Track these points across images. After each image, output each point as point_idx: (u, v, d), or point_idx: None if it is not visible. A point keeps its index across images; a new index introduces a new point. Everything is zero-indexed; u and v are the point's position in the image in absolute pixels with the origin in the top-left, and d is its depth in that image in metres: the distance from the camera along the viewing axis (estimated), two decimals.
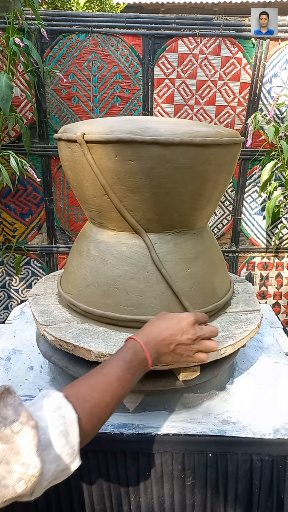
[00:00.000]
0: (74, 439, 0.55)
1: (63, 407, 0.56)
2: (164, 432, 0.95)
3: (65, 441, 0.54)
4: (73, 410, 0.56)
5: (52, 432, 0.53)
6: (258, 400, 1.06)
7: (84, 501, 0.96)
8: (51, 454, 0.52)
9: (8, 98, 1.51)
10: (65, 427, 0.54)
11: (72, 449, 0.55)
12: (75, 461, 0.56)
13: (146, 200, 0.93)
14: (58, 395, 0.57)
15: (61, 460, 0.53)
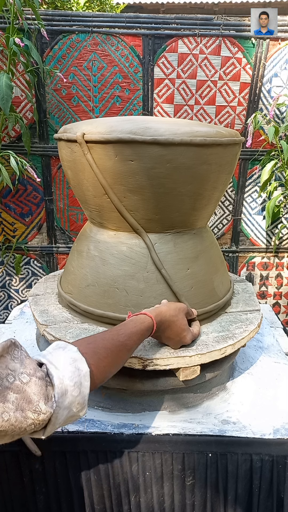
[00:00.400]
0: (85, 390, 0.61)
1: (78, 360, 0.62)
2: (164, 432, 0.94)
3: (78, 391, 0.60)
4: (86, 364, 0.62)
5: (68, 382, 0.58)
6: (258, 400, 1.06)
7: (84, 501, 0.96)
8: (65, 401, 0.58)
9: (8, 98, 1.51)
10: (79, 378, 0.60)
11: (83, 399, 0.61)
12: (84, 409, 0.63)
13: (146, 200, 0.93)
14: (73, 349, 0.63)
15: (73, 407, 0.60)
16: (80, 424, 0.97)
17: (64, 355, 0.61)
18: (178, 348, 0.92)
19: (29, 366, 0.54)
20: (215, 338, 0.97)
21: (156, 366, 0.90)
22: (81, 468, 0.95)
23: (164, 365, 0.90)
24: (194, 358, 0.91)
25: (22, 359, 0.55)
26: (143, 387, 0.96)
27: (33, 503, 0.97)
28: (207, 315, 1.05)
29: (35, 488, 0.96)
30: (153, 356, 0.89)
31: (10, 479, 0.96)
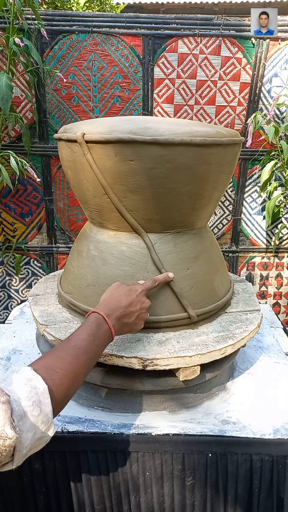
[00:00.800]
0: (47, 408, 0.58)
1: (33, 379, 0.58)
2: (164, 432, 0.94)
3: (39, 410, 0.56)
4: (43, 381, 0.59)
5: (25, 403, 0.55)
6: (258, 400, 1.06)
7: (84, 501, 0.96)
8: (26, 423, 0.55)
9: (8, 98, 1.51)
10: (38, 397, 0.57)
11: (46, 417, 0.58)
12: (51, 428, 0.59)
13: (146, 200, 0.93)
14: (27, 369, 0.60)
15: (37, 428, 0.56)
16: (80, 424, 0.97)
17: (18, 377, 0.59)
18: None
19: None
20: (215, 338, 0.97)
21: (156, 366, 0.90)
22: (81, 468, 0.95)
23: (164, 365, 0.90)
24: (194, 358, 0.91)
25: None
26: (143, 387, 0.96)
27: (33, 503, 0.97)
28: (207, 315, 1.05)
29: (35, 488, 0.96)
30: (153, 356, 0.89)
31: (10, 479, 0.96)
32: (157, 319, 0.98)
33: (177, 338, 0.97)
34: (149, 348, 0.92)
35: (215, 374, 1.02)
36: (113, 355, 0.90)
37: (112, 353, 0.90)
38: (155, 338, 0.96)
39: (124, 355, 0.90)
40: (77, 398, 1.05)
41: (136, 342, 0.94)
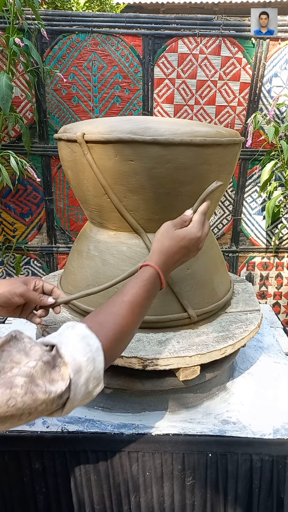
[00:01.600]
0: (100, 365, 0.59)
1: (87, 336, 0.60)
2: (164, 432, 0.94)
3: (93, 366, 0.58)
4: (97, 338, 0.60)
5: (81, 359, 0.57)
6: (258, 400, 1.06)
7: (84, 501, 0.96)
8: (81, 378, 0.56)
9: (8, 98, 1.51)
10: (92, 354, 0.58)
11: (98, 374, 0.59)
12: (100, 384, 0.61)
13: (146, 200, 0.93)
14: (81, 326, 0.61)
15: (89, 383, 0.58)
16: (80, 424, 0.97)
17: (73, 333, 0.60)
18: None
19: (35, 354, 0.53)
20: (215, 338, 0.97)
21: (156, 366, 0.90)
22: (81, 468, 0.95)
23: (164, 365, 0.90)
24: (194, 358, 0.91)
25: (27, 350, 0.54)
26: (143, 387, 0.96)
27: (33, 503, 0.97)
28: (207, 315, 1.05)
29: (35, 488, 0.96)
30: (153, 356, 0.89)
31: (10, 479, 0.96)
32: (157, 319, 0.98)
33: (177, 338, 0.97)
34: (149, 348, 0.92)
35: (215, 374, 1.02)
36: None
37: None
38: (155, 338, 0.96)
39: (124, 355, 0.90)
40: None
41: (136, 342, 0.94)
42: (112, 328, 0.64)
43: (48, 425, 0.96)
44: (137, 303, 0.69)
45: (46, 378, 0.53)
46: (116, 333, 0.64)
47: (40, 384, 0.51)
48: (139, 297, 0.70)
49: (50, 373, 0.53)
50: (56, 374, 0.54)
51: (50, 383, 0.53)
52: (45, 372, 0.53)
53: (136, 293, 0.70)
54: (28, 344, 0.55)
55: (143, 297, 0.70)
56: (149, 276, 0.73)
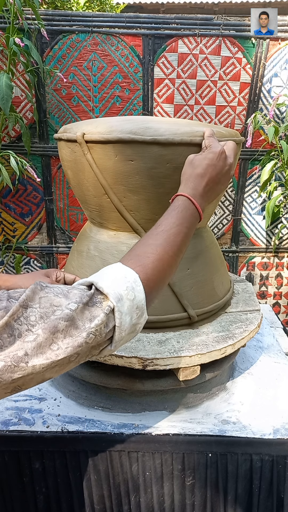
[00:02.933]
0: (140, 294, 0.58)
1: (122, 270, 0.59)
2: (164, 432, 0.94)
3: (133, 295, 0.57)
4: (133, 271, 0.59)
5: (121, 287, 0.56)
6: (258, 400, 1.06)
7: (84, 501, 0.96)
8: (124, 306, 0.56)
9: (8, 98, 1.51)
10: (130, 284, 0.58)
11: (140, 303, 0.59)
12: (143, 314, 0.60)
13: (146, 200, 0.93)
14: (116, 264, 0.61)
15: (133, 313, 0.57)
16: (80, 424, 0.97)
17: (108, 271, 0.59)
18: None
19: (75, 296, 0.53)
20: (215, 338, 0.97)
21: (156, 366, 0.90)
22: (81, 468, 0.95)
23: (164, 365, 0.90)
24: (194, 358, 0.91)
25: (65, 293, 0.53)
26: (143, 387, 0.96)
27: (33, 503, 0.97)
28: (207, 315, 1.05)
29: (35, 488, 0.96)
30: (153, 356, 0.89)
31: (10, 479, 0.96)
32: (157, 319, 0.98)
33: (177, 338, 0.97)
34: (149, 348, 0.92)
35: (215, 374, 1.02)
36: (113, 355, 0.90)
37: (112, 353, 0.90)
38: (155, 338, 0.96)
39: (124, 355, 0.90)
40: (77, 398, 1.05)
41: (136, 342, 0.94)
42: (149, 257, 0.62)
43: (48, 425, 0.96)
44: (172, 230, 0.67)
45: (87, 317, 0.52)
46: (154, 262, 0.62)
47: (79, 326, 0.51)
48: (174, 225, 0.68)
49: (90, 312, 0.53)
50: (97, 310, 0.53)
51: (91, 320, 0.52)
52: (84, 313, 0.52)
53: (170, 222, 0.68)
54: (64, 287, 0.54)
55: (178, 224, 0.68)
56: (179, 204, 0.71)
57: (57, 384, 1.11)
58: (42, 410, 1.01)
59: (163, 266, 0.64)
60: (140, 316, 0.59)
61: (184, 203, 0.71)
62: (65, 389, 1.08)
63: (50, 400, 1.06)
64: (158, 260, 0.63)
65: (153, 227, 0.69)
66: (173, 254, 0.66)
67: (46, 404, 1.04)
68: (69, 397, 1.07)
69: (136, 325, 0.60)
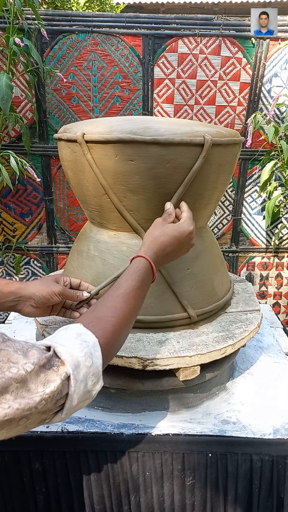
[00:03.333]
0: (98, 360, 0.58)
1: (83, 334, 0.59)
2: (164, 432, 0.94)
3: (91, 361, 0.57)
4: (92, 334, 0.60)
5: (78, 354, 0.56)
6: (258, 400, 1.06)
7: (84, 501, 0.96)
8: (80, 373, 0.55)
9: (8, 98, 1.51)
10: (89, 349, 0.58)
11: (97, 370, 0.58)
12: (99, 382, 0.60)
13: (146, 200, 0.93)
14: (76, 325, 0.61)
15: (88, 380, 0.57)
16: (80, 424, 0.97)
17: (68, 332, 0.59)
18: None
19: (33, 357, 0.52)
20: (215, 338, 0.97)
21: (156, 366, 0.90)
22: (81, 468, 0.95)
23: (164, 365, 0.90)
24: (194, 358, 0.91)
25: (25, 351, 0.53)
26: (143, 387, 0.96)
27: (33, 503, 0.97)
28: (207, 315, 1.05)
29: (35, 488, 0.96)
30: (153, 356, 0.89)
31: (10, 479, 0.96)
32: (157, 319, 0.98)
33: (177, 338, 0.97)
34: (149, 348, 0.92)
35: (215, 374, 1.02)
36: None
37: None
38: (155, 338, 0.96)
39: (124, 355, 0.90)
40: None
41: (136, 342, 0.94)
42: (110, 321, 0.64)
43: (48, 425, 0.96)
44: (132, 294, 0.70)
45: (41, 381, 0.51)
46: (114, 326, 0.64)
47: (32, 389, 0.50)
48: (133, 288, 0.71)
49: (46, 375, 0.52)
50: (53, 375, 0.53)
51: (45, 384, 0.51)
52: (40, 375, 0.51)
53: (130, 284, 0.71)
54: (25, 345, 0.54)
55: (137, 287, 0.71)
56: (140, 266, 0.74)
57: None
58: None
59: (121, 330, 0.66)
60: (96, 383, 0.59)
61: (145, 266, 0.75)
62: None
63: None
64: (118, 324, 0.65)
65: (114, 287, 0.71)
66: (130, 317, 0.69)
67: None
68: None
69: (91, 391, 0.59)
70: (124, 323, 0.66)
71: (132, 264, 0.76)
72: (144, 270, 0.74)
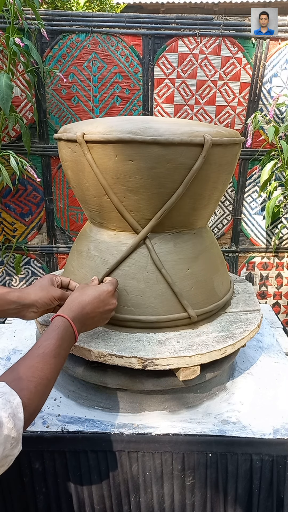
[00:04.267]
0: (20, 422, 0.57)
1: (6, 393, 0.58)
2: (164, 432, 0.94)
3: (13, 423, 0.56)
4: (16, 395, 0.59)
5: (2, 414, 0.54)
6: (258, 400, 1.06)
7: (84, 501, 0.96)
8: (1, 435, 0.53)
9: (8, 98, 1.51)
10: (12, 410, 0.57)
11: (17, 433, 0.57)
12: (18, 445, 0.58)
13: (146, 200, 0.93)
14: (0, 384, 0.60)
15: (7, 443, 0.55)
16: (80, 424, 0.97)
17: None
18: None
19: None
20: (215, 338, 0.97)
21: (156, 366, 0.90)
22: (81, 468, 0.95)
23: (164, 365, 0.90)
24: (194, 358, 0.91)
25: None
26: (143, 387, 0.96)
27: (33, 503, 0.97)
28: (207, 315, 1.05)
29: (35, 488, 0.96)
30: (153, 356, 0.89)
31: (10, 479, 0.96)
32: (157, 319, 0.98)
33: (177, 338, 0.97)
34: (149, 348, 0.92)
35: (215, 374, 1.02)
36: (113, 355, 0.90)
37: (112, 353, 0.90)
38: (155, 338, 0.96)
39: (124, 355, 0.90)
40: (77, 398, 1.05)
41: (136, 342, 0.94)
42: (31, 382, 0.64)
43: (48, 425, 0.96)
44: (52, 353, 0.71)
45: None
46: (37, 386, 0.64)
47: None
48: (53, 347, 0.71)
49: None
50: None
51: None
52: None
53: (50, 343, 0.72)
54: None
55: (57, 345, 0.72)
56: (59, 325, 0.76)
57: (57, 384, 1.11)
58: (42, 410, 1.01)
59: (43, 389, 0.66)
60: (15, 447, 0.57)
61: (64, 325, 0.76)
62: (65, 389, 1.08)
63: (50, 400, 1.06)
64: (39, 384, 0.65)
65: (35, 347, 0.71)
66: (51, 377, 0.69)
67: (46, 404, 1.04)
68: (69, 397, 1.07)
69: (8, 457, 0.56)
70: (45, 383, 0.66)
71: (51, 323, 0.77)
72: (62, 328, 0.75)
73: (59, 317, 0.78)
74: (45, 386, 0.67)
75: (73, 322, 0.78)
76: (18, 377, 0.64)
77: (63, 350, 0.74)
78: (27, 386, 0.62)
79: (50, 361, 0.69)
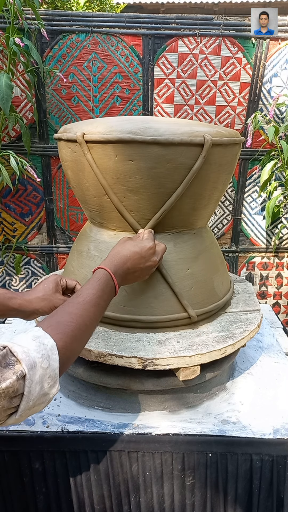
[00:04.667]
0: (55, 363, 0.58)
1: (41, 336, 0.59)
2: (164, 432, 0.94)
3: (47, 363, 0.57)
4: (50, 338, 0.60)
5: (35, 354, 0.55)
6: (258, 400, 1.06)
7: (84, 501, 0.96)
8: (36, 374, 0.55)
9: (8, 98, 1.51)
10: (46, 351, 0.57)
11: (53, 372, 0.58)
12: (55, 385, 0.59)
13: (146, 200, 0.93)
14: (35, 329, 0.61)
15: (44, 382, 0.56)
16: (80, 424, 0.97)
17: (26, 334, 0.59)
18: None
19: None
20: (215, 338, 0.97)
21: (156, 366, 0.90)
22: (81, 468, 0.95)
23: (164, 365, 0.90)
24: (194, 358, 0.91)
25: None
26: (143, 387, 0.96)
27: (33, 503, 0.97)
28: (207, 315, 1.05)
29: (35, 488, 0.96)
30: (153, 356, 0.89)
31: (10, 479, 0.96)
32: (157, 319, 0.98)
33: (177, 338, 0.97)
34: (149, 348, 0.92)
35: (215, 374, 1.02)
36: (113, 355, 0.90)
37: (112, 353, 0.90)
38: (155, 338, 0.96)
39: (124, 355, 0.90)
40: (77, 398, 1.05)
41: (136, 342, 0.94)
42: (69, 326, 0.65)
43: (48, 425, 0.96)
44: (92, 302, 0.72)
45: None
46: (73, 330, 0.65)
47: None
48: (94, 296, 0.73)
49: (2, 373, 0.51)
50: (8, 372, 0.52)
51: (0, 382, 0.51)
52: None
53: (90, 293, 0.73)
54: None
55: (97, 296, 0.73)
56: (100, 277, 0.77)
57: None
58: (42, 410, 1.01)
59: (80, 335, 0.67)
60: (52, 386, 0.58)
61: (105, 277, 0.78)
62: (65, 389, 1.08)
63: None
64: (78, 329, 0.66)
65: (75, 295, 0.73)
66: (90, 324, 0.70)
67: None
68: (69, 397, 1.07)
69: (47, 394, 0.58)
70: (83, 329, 0.67)
71: (93, 275, 0.79)
72: (103, 280, 0.77)
73: (101, 269, 0.79)
74: (83, 332, 0.67)
75: (115, 276, 0.79)
76: (56, 322, 0.65)
77: (103, 301, 0.75)
78: (64, 330, 0.63)
79: (90, 309, 0.70)
